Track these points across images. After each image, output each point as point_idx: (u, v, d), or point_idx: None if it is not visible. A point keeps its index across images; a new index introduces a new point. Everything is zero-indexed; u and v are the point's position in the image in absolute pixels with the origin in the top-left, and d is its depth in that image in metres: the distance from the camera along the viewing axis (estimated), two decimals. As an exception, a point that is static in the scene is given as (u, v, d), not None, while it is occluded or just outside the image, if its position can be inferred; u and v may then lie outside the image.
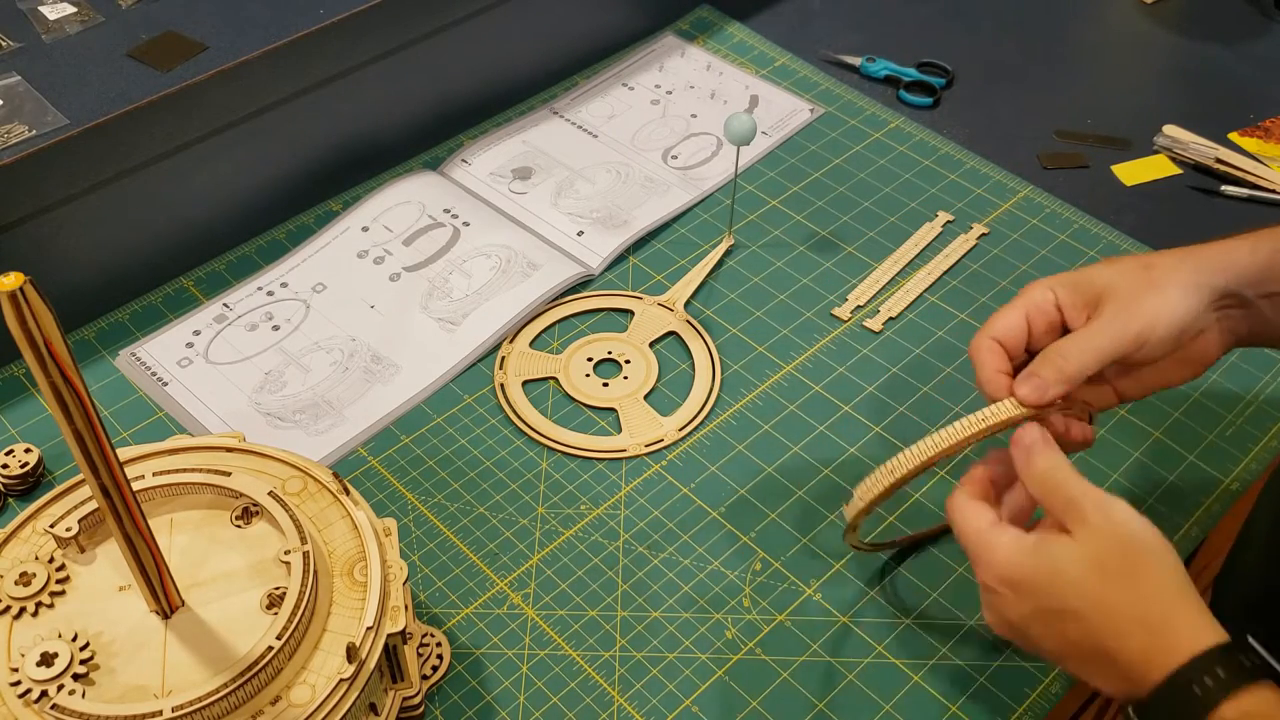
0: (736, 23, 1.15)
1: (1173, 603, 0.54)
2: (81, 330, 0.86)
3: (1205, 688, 0.51)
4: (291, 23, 0.88)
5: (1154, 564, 0.55)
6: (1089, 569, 0.55)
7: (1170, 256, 0.64)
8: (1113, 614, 0.54)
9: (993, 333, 0.65)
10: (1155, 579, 0.54)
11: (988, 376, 0.64)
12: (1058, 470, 0.59)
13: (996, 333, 0.65)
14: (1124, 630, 0.54)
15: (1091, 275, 0.64)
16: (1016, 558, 0.57)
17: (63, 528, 0.59)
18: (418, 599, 0.71)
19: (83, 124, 0.80)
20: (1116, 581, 0.55)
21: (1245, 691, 0.50)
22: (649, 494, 0.77)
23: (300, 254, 0.92)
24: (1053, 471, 0.59)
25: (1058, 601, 0.56)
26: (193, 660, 0.56)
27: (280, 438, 0.79)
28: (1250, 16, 1.15)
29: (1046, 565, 0.56)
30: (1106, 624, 0.54)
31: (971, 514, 0.60)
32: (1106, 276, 0.64)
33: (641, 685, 0.67)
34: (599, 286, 0.90)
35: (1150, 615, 0.53)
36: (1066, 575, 0.56)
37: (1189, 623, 0.53)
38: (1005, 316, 0.65)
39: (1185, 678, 0.51)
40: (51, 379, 0.46)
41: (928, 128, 1.03)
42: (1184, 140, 1.00)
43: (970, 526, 0.60)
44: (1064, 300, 0.64)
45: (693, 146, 1.02)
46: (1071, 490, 0.58)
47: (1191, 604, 0.54)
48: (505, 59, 1.03)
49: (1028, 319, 0.64)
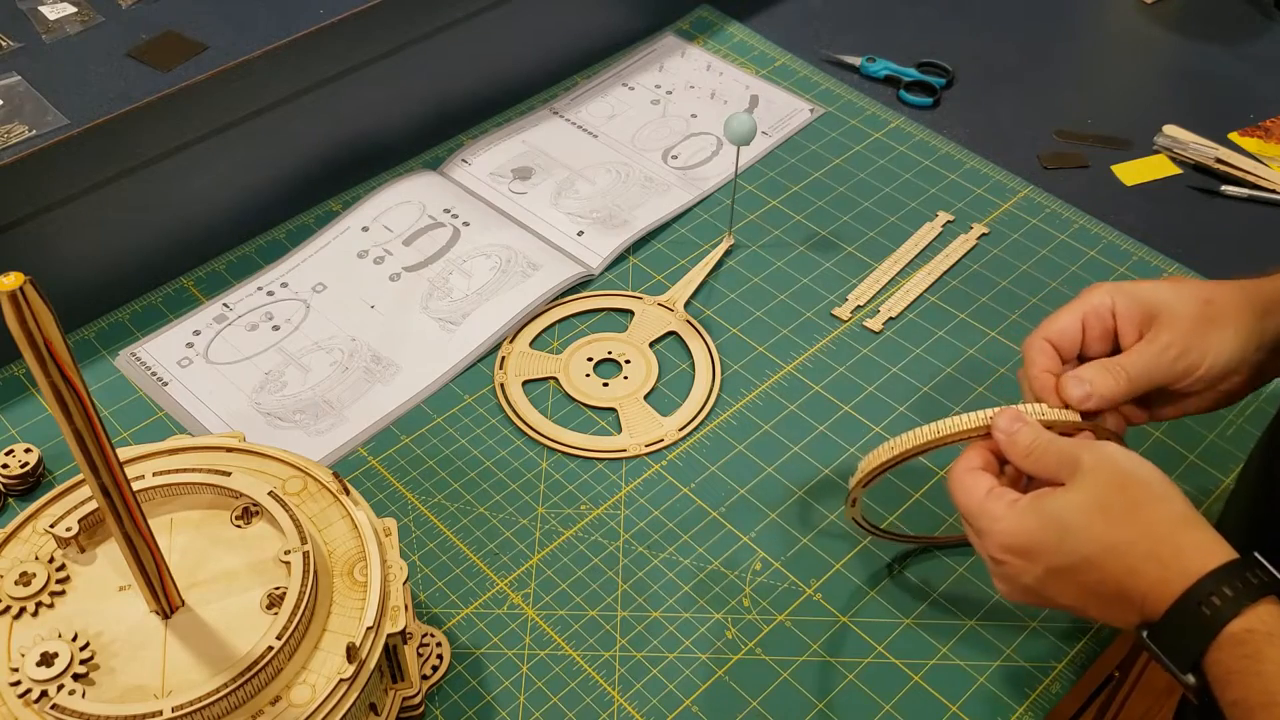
0: (736, 23, 1.15)
1: (1179, 530, 0.54)
2: (81, 330, 0.86)
3: (1213, 606, 0.51)
4: (291, 23, 0.88)
5: (1155, 496, 0.55)
6: (1093, 514, 0.55)
7: (1230, 292, 0.64)
8: (1124, 553, 0.55)
9: (1047, 334, 0.65)
10: (1159, 511, 0.55)
11: (1035, 374, 0.64)
12: (1043, 437, 0.60)
13: (1051, 334, 0.65)
14: (1137, 567, 0.54)
15: (1152, 294, 0.64)
16: (1019, 522, 0.57)
17: (63, 528, 0.59)
18: (418, 599, 0.71)
19: (83, 124, 0.80)
20: (1121, 520, 0.55)
21: (1252, 607, 0.51)
22: (649, 494, 0.77)
23: (300, 254, 0.92)
24: (1038, 440, 0.60)
25: (1068, 555, 0.56)
26: (193, 660, 0.56)
27: (280, 438, 0.79)
28: (1250, 16, 1.15)
29: (1050, 522, 0.56)
30: (1119, 564, 0.55)
31: (969, 484, 0.60)
32: (1167, 300, 0.64)
33: (641, 685, 0.67)
34: (599, 286, 0.90)
35: (1159, 547, 0.54)
36: (1072, 526, 0.56)
37: (1197, 546, 0.53)
38: (1062, 319, 0.65)
39: (1194, 598, 0.52)
40: (51, 379, 0.46)
41: (928, 128, 1.03)
42: (1184, 140, 1.00)
43: (969, 498, 0.60)
44: (1120, 311, 0.64)
45: (693, 146, 1.02)
46: (1061, 446, 0.59)
47: (1197, 528, 0.55)
48: (505, 59, 1.03)
49: (1084, 323, 0.65)
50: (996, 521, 0.58)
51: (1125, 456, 0.57)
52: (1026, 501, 0.58)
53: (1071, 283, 0.89)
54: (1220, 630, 0.51)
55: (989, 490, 0.59)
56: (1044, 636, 0.69)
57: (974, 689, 0.67)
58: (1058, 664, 0.68)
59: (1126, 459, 0.57)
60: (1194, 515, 0.55)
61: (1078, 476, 0.57)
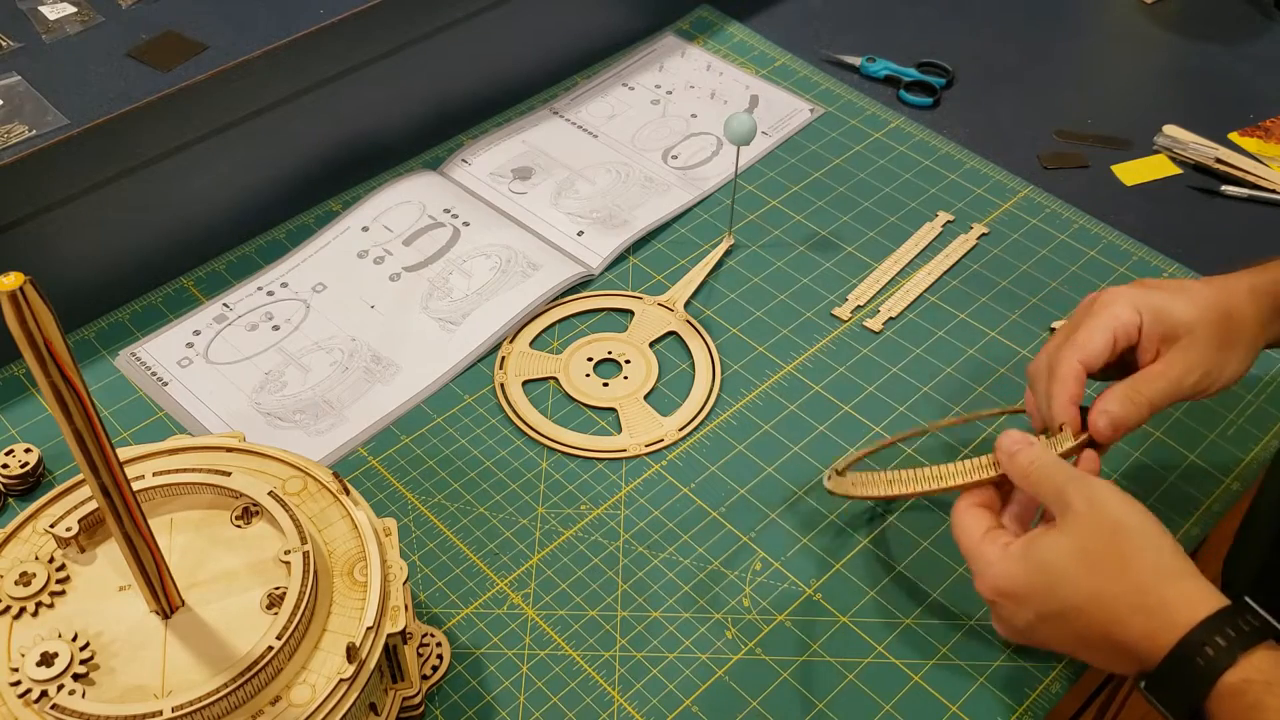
0: (736, 23, 1.15)
1: (1165, 581, 0.54)
2: (81, 330, 0.86)
3: (1207, 657, 0.51)
4: (291, 23, 0.88)
5: (1141, 546, 0.55)
6: (1078, 563, 0.56)
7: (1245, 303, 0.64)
8: (1109, 604, 0.55)
9: (1083, 357, 0.64)
10: (1144, 561, 0.55)
11: (1063, 404, 0.63)
12: (1042, 462, 0.60)
13: (1087, 358, 0.64)
14: (1123, 617, 0.54)
15: (1174, 310, 0.63)
16: (1009, 568, 0.58)
17: (63, 528, 0.59)
18: (418, 599, 0.71)
19: (83, 124, 0.80)
20: (1106, 571, 0.55)
21: (1247, 655, 0.51)
22: (649, 494, 0.77)
23: (300, 254, 0.92)
24: (1038, 464, 0.60)
25: (1056, 602, 0.56)
26: (193, 660, 0.56)
27: (280, 438, 0.79)
28: (1250, 16, 1.15)
29: (1038, 569, 0.57)
30: (1105, 614, 0.55)
31: (967, 524, 0.61)
32: (1189, 318, 0.63)
33: (641, 685, 0.67)
34: (599, 286, 0.90)
35: (1145, 598, 0.54)
36: (1058, 574, 0.56)
37: (1184, 597, 0.53)
38: (1096, 340, 0.64)
39: (1187, 651, 0.52)
40: (51, 379, 0.46)
41: (928, 128, 1.03)
42: (1184, 140, 1.00)
43: (966, 538, 0.61)
44: (1146, 328, 0.64)
45: (693, 146, 1.02)
46: (1057, 478, 0.59)
47: (1184, 577, 0.54)
48: (505, 59, 1.03)
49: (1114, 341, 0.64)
50: (990, 565, 0.59)
51: (1116, 501, 0.57)
52: (1019, 547, 0.58)
53: (1072, 283, 0.89)
54: (1216, 681, 0.51)
55: (985, 532, 0.60)
56: (1044, 636, 0.69)
57: (974, 689, 0.67)
58: (1058, 664, 0.68)
59: (1117, 504, 0.57)
60: (1181, 565, 0.55)
61: (1067, 519, 0.57)
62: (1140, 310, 0.64)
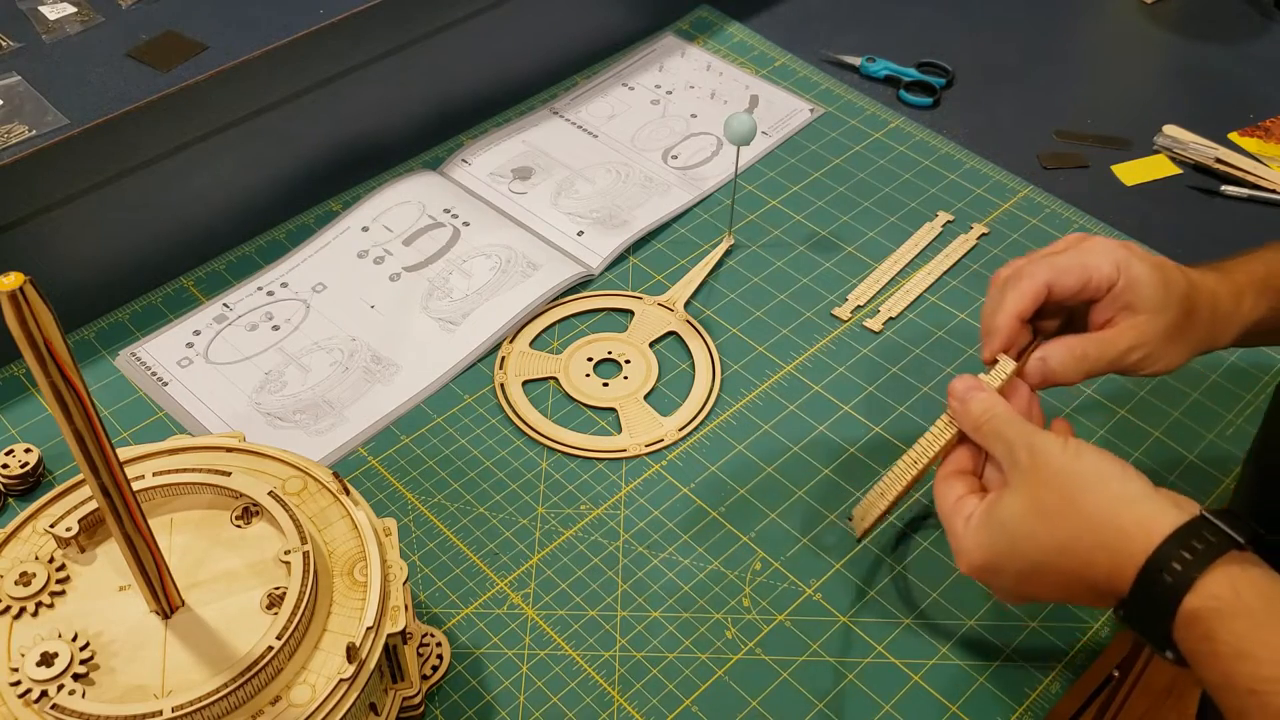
0: (736, 23, 1.15)
1: (1120, 511, 0.54)
2: (81, 330, 0.86)
3: (1165, 584, 0.51)
4: (291, 23, 0.88)
5: (1089, 484, 0.55)
6: (1034, 518, 0.56)
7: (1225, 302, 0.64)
8: (1072, 549, 0.55)
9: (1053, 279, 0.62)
10: (1094, 499, 0.55)
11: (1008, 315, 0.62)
12: (992, 415, 0.60)
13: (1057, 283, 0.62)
14: (1089, 559, 0.54)
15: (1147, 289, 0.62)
16: (974, 540, 0.58)
17: (63, 528, 0.59)
18: (418, 599, 0.71)
19: (83, 124, 0.80)
20: (1060, 519, 0.55)
21: (1205, 576, 0.50)
22: (649, 494, 0.77)
23: (300, 254, 0.92)
24: (987, 417, 0.60)
25: (1024, 561, 0.57)
26: (193, 660, 0.56)
27: (280, 438, 0.79)
28: (1250, 16, 1.15)
29: (999, 533, 0.57)
30: (1073, 560, 0.55)
31: (941, 495, 0.61)
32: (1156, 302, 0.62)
33: (641, 685, 0.67)
34: (599, 286, 0.90)
35: (1102, 535, 0.54)
36: (1017, 534, 0.56)
37: (1138, 523, 0.53)
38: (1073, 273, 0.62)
39: (1149, 578, 0.52)
40: (51, 379, 0.46)
41: (928, 128, 1.03)
42: (1184, 140, 1.00)
43: (939, 513, 0.61)
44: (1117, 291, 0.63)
45: (693, 146, 1.02)
46: (1005, 432, 0.59)
47: (1139, 502, 0.54)
48: (505, 59, 1.03)
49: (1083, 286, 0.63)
50: (959, 542, 0.59)
51: (1057, 448, 0.57)
52: (978, 516, 0.59)
53: (1071, 283, 0.89)
54: (1177, 609, 0.51)
55: (954, 505, 0.60)
56: (1044, 636, 0.69)
57: (974, 689, 0.67)
58: (1058, 664, 0.68)
59: (1060, 452, 0.57)
60: (1135, 490, 0.54)
61: (1015, 478, 0.58)
62: (1121, 270, 0.62)
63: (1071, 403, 0.81)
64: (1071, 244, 0.64)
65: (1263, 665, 0.48)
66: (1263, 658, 0.48)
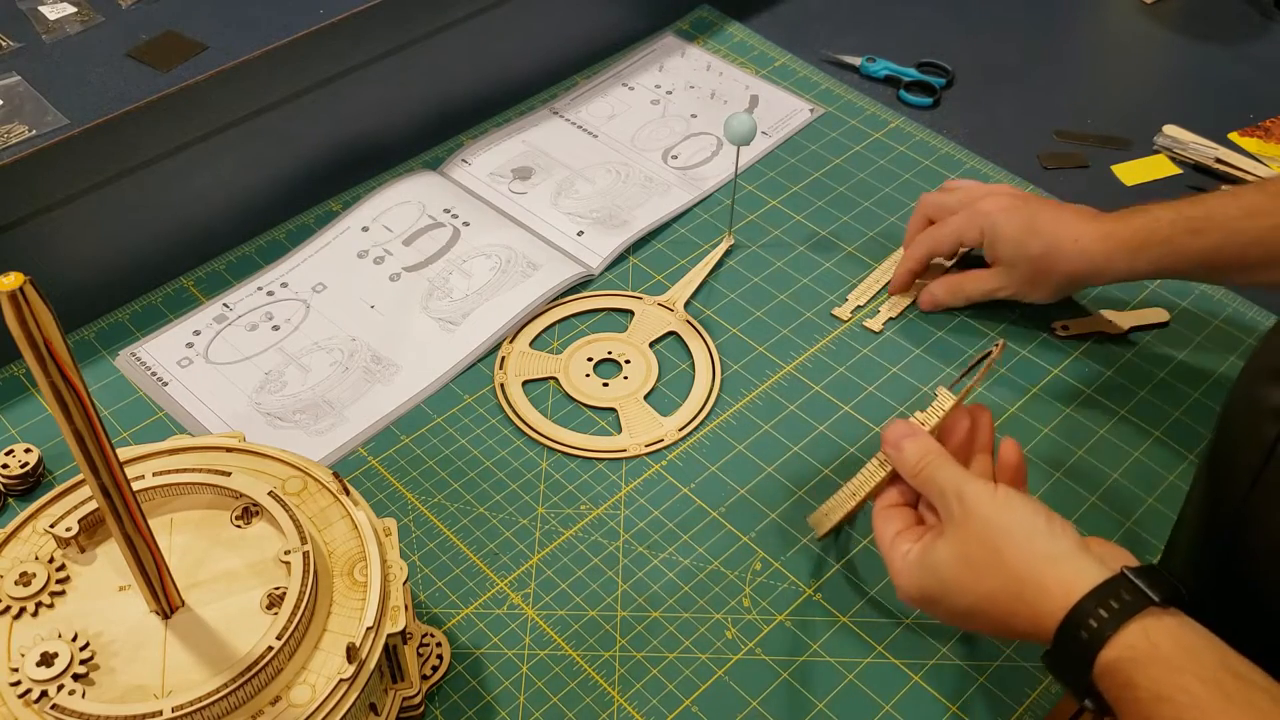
0: (736, 23, 1.15)
1: (1042, 569, 0.56)
2: (81, 330, 0.86)
3: (1081, 640, 0.53)
4: (291, 23, 0.88)
5: (1012, 541, 0.57)
6: (962, 569, 0.59)
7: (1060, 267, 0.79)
8: (998, 600, 0.57)
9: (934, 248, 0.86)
10: (1019, 555, 0.57)
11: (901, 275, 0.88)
12: (925, 462, 0.63)
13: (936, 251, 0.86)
14: (1011, 610, 0.57)
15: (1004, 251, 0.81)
16: (909, 578, 0.62)
17: (63, 528, 0.59)
18: (418, 599, 0.71)
19: (83, 124, 0.80)
20: (986, 572, 0.58)
21: (1122, 631, 0.52)
22: (649, 494, 0.77)
23: (300, 254, 0.92)
24: (921, 464, 0.63)
25: (955, 604, 0.60)
26: (193, 660, 0.56)
27: (280, 438, 0.79)
28: (1250, 16, 1.15)
29: (931, 577, 0.60)
30: (998, 610, 0.58)
31: (879, 530, 0.65)
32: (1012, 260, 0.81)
33: (641, 685, 0.67)
34: (599, 286, 0.90)
35: (1025, 590, 0.56)
36: (947, 581, 0.59)
37: (1059, 582, 0.55)
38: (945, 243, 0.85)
39: (1067, 632, 0.54)
40: (51, 379, 0.46)
41: (928, 128, 1.03)
42: (1184, 140, 1.00)
43: (880, 543, 0.64)
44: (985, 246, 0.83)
45: (693, 146, 1.02)
46: (938, 481, 0.62)
47: (1061, 560, 0.56)
48: (505, 59, 1.03)
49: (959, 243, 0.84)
50: (897, 575, 0.63)
51: (987, 500, 0.59)
52: (915, 555, 0.62)
53: (1071, 283, 0.89)
54: (1095, 659, 0.53)
55: (892, 539, 0.63)
56: (1044, 636, 0.69)
57: (974, 689, 0.67)
58: (1058, 664, 0.68)
59: (991, 504, 0.59)
60: (1060, 551, 0.57)
61: (948, 527, 0.60)
62: (985, 233, 0.82)
63: (1071, 403, 0.81)
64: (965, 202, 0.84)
65: (1181, 709, 0.50)
66: (1181, 701, 0.50)
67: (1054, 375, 0.83)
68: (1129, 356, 0.84)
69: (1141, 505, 0.75)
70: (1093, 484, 0.76)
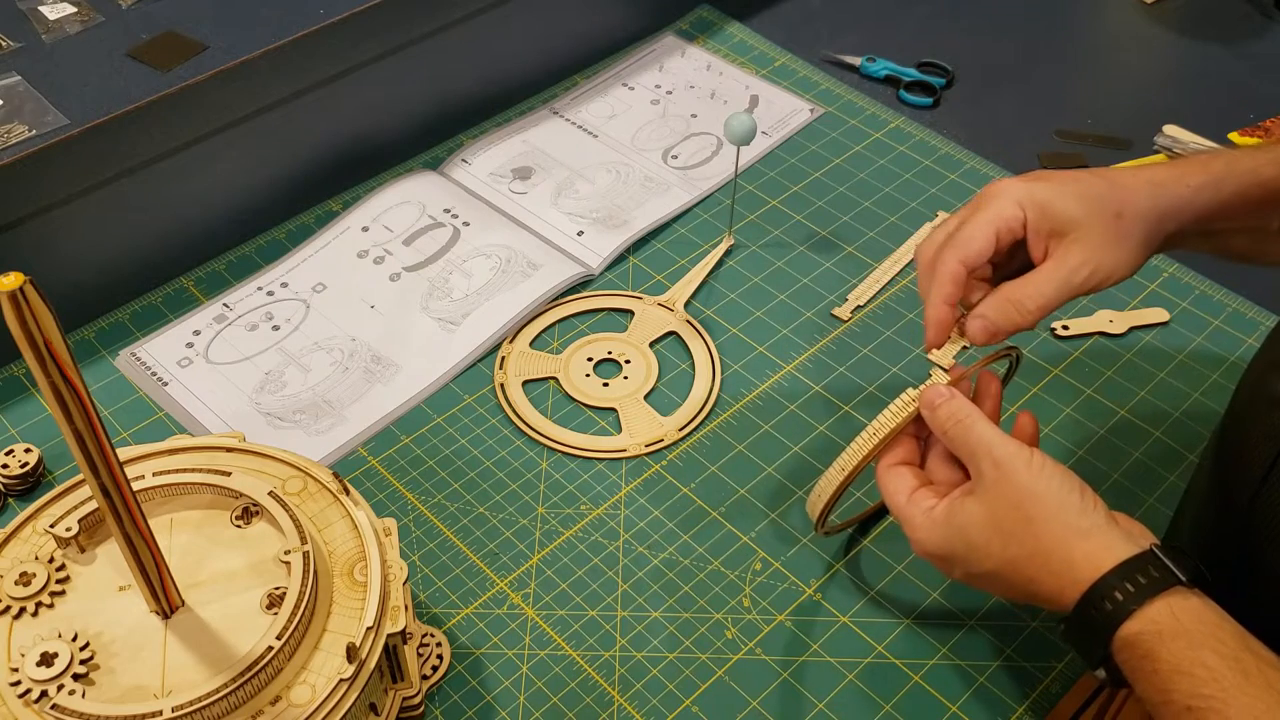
0: (736, 23, 1.15)
1: (1071, 542, 0.56)
2: (81, 330, 0.86)
3: (1105, 612, 0.53)
4: (291, 23, 0.88)
5: (1049, 513, 0.57)
6: (991, 532, 0.58)
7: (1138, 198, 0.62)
8: (1023, 567, 0.57)
9: (964, 256, 0.62)
10: (1051, 526, 0.57)
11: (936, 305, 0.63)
12: (958, 421, 0.61)
13: (969, 258, 0.62)
14: (1035, 578, 0.57)
15: (1062, 208, 0.61)
16: (932, 533, 0.60)
17: (63, 528, 0.59)
18: (418, 599, 0.71)
19: (83, 124, 0.80)
20: (1016, 538, 0.57)
21: (1146, 607, 0.53)
22: (649, 494, 0.77)
23: (300, 254, 0.92)
24: (954, 422, 0.61)
25: (977, 565, 0.59)
26: (193, 660, 0.56)
27: (280, 438, 0.79)
28: (1250, 16, 1.15)
29: (957, 536, 0.59)
30: (1021, 576, 0.57)
31: (892, 487, 0.63)
32: (1077, 215, 0.61)
33: (641, 685, 0.67)
34: (599, 286, 0.90)
35: (1051, 560, 0.56)
36: (974, 543, 0.59)
37: (1087, 556, 0.55)
38: (977, 239, 0.62)
39: (1088, 605, 0.54)
40: (51, 379, 0.46)
41: (928, 128, 1.03)
42: (1184, 140, 1.00)
43: (893, 502, 0.63)
44: (1031, 223, 0.62)
45: (693, 146, 1.02)
46: (971, 441, 0.60)
47: (1091, 535, 0.56)
48: (505, 59, 1.03)
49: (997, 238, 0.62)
50: (915, 530, 0.61)
51: (1023, 467, 0.58)
52: (940, 512, 0.60)
53: (1071, 283, 0.89)
54: (1115, 632, 0.53)
55: (909, 495, 0.62)
56: (1044, 636, 0.69)
57: (974, 689, 0.67)
58: (1058, 664, 0.68)
59: (1026, 471, 0.58)
60: (1090, 524, 0.56)
61: (979, 487, 0.59)
62: (1024, 206, 0.61)
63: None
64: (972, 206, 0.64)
65: (1200, 683, 0.50)
66: (1199, 676, 0.50)
67: (1054, 375, 0.83)
68: (1129, 356, 0.84)
69: (1142, 505, 0.75)
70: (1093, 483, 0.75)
